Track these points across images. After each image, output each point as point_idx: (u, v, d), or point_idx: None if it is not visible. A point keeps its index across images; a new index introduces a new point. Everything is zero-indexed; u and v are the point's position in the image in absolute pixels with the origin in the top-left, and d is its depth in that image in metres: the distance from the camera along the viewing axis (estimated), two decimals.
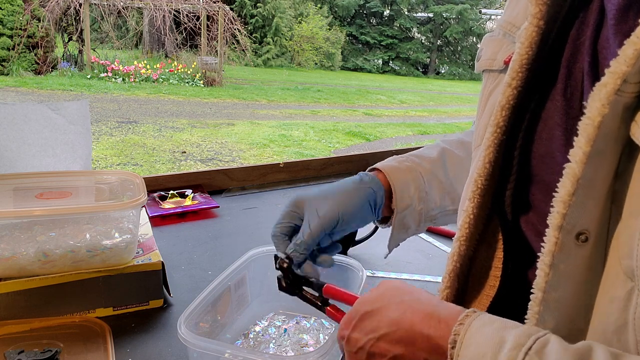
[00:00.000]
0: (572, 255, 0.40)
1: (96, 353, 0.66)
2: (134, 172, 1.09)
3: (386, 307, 0.47)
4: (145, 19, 12.42)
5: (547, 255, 0.40)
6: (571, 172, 0.38)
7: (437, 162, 0.72)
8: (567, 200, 0.38)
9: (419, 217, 0.69)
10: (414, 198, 0.68)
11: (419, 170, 0.69)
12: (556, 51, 0.46)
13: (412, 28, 23.24)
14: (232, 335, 0.72)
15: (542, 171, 0.47)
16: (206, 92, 9.59)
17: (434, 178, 0.70)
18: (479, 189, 0.50)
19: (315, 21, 18.73)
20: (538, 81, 0.47)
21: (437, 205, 0.70)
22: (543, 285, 0.40)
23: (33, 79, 8.99)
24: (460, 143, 0.75)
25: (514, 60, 0.46)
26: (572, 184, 0.38)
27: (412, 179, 0.68)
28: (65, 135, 0.94)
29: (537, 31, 0.45)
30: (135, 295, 0.78)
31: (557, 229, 0.39)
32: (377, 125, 8.12)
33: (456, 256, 0.52)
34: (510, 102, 0.47)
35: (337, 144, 6.43)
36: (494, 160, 0.49)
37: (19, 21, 9.22)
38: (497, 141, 0.48)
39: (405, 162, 0.70)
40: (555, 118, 0.45)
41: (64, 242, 0.73)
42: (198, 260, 0.97)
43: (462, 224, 0.52)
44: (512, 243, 0.51)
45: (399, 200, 0.67)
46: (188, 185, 1.29)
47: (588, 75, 0.42)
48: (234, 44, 11.76)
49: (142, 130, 6.16)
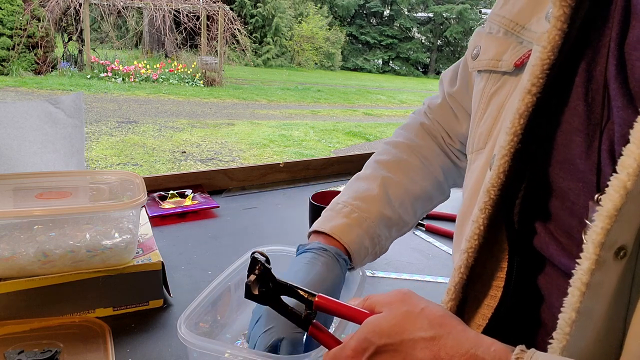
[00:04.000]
0: (610, 272, 0.36)
1: (96, 353, 0.66)
2: (134, 172, 1.09)
3: (411, 344, 0.40)
4: (145, 19, 12.41)
5: (585, 273, 0.36)
6: (621, 185, 0.34)
7: (382, 200, 0.69)
8: (614, 214, 0.34)
9: (373, 257, 0.71)
10: (369, 247, 0.68)
11: (369, 217, 0.67)
12: (574, 53, 0.43)
13: (412, 28, 23.23)
14: (232, 335, 0.72)
15: (560, 178, 0.44)
16: (206, 92, 9.59)
17: (384, 218, 0.68)
18: (491, 200, 0.47)
19: (315, 21, 18.73)
20: (555, 85, 0.44)
21: (387, 239, 0.71)
22: (577, 305, 0.37)
23: (33, 79, 8.98)
24: (397, 165, 0.73)
25: (535, 65, 0.43)
26: (622, 198, 0.34)
27: (365, 231, 0.66)
28: (65, 129, 0.94)
29: (560, 34, 0.42)
30: (135, 295, 0.78)
31: (599, 246, 0.35)
32: (377, 125, 8.12)
33: (463, 268, 0.50)
34: (529, 109, 0.44)
35: (337, 144, 6.43)
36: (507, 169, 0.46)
37: (19, 21, 9.22)
38: (513, 150, 0.45)
39: (352, 213, 0.67)
40: (574, 123, 0.42)
41: (63, 242, 0.73)
42: (198, 260, 0.97)
43: (471, 235, 0.49)
44: (519, 251, 0.49)
45: (357, 256, 0.67)
46: (188, 185, 1.29)
47: (616, 79, 0.39)
48: (234, 44, 11.76)
49: (142, 130, 6.16)
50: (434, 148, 0.76)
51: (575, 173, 0.42)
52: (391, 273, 0.96)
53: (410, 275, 0.95)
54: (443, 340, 0.40)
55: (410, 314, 0.42)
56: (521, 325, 0.49)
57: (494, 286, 0.49)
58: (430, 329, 0.40)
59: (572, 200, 0.43)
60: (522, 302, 0.48)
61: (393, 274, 0.96)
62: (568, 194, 0.42)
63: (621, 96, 0.38)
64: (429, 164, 0.74)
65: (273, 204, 1.29)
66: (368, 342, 0.42)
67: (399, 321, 0.42)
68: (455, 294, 0.51)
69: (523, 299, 0.48)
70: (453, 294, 0.51)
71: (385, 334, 0.42)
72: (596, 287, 0.36)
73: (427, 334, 0.40)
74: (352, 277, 0.74)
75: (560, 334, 0.38)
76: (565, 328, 0.37)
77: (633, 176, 0.33)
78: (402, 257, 1.02)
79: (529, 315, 0.48)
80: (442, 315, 0.42)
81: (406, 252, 1.04)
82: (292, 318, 0.50)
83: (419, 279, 0.95)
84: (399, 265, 0.99)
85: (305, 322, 0.50)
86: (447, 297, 0.52)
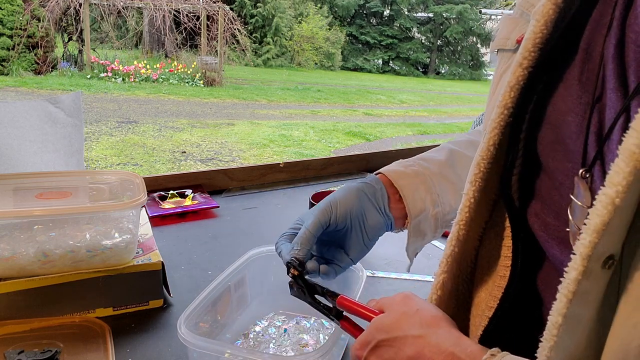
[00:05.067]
0: (597, 280, 0.37)
1: (96, 353, 0.66)
2: (134, 172, 1.09)
3: (402, 341, 0.46)
4: (145, 19, 12.41)
5: (572, 283, 0.36)
6: (609, 201, 0.33)
7: (446, 164, 0.69)
8: (602, 229, 0.34)
9: (434, 222, 0.66)
10: (427, 201, 0.65)
11: (426, 173, 0.67)
12: (573, 31, 0.43)
13: (412, 28, 23.23)
14: (232, 335, 0.72)
15: (550, 158, 0.44)
16: (206, 92, 9.59)
17: (445, 180, 0.67)
18: (481, 172, 0.48)
19: (315, 21, 18.73)
20: (551, 62, 0.44)
21: (451, 207, 0.67)
22: (564, 311, 0.37)
23: (33, 79, 8.98)
24: (469, 143, 0.73)
25: (527, 38, 0.43)
26: (610, 213, 0.33)
27: (421, 181, 0.66)
28: (64, 129, 0.94)
29: (554, 9, 0.42)
30: (135, 295, 0.78)
31: (586, 259, 0.35)
32: (377, 125, 8.12)
33: (454, 240, 0.51)
34: (520, 83, 0.44)
35: (337, 144, 6.43)
36: (498, 143, 0.46)
37: (19, 21, 9.22)
38: (503, 123, 0.45)
39: (411, 166, 0.67)
40: (567, 103, 0.42)
41: (63, 242, 0.73)
42: (198, 260, 0.97)
43: (462, 208, 0.50)
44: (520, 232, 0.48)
45: (411, 205, 0.64)
46: (188, 185, 1.29)
47: (613, 59, 0.38)
48: (234, 44, 11.76)
49: (142, 130, 6.16)
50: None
51: (565, 153, 0.42)
52: (391, 273, 0.96)
53: (410, 275, 0.95)
54: (428, 338, 0.45)
55: (406, 314, 0.48)
56: (527, 318, 0.49)
57: (502, 266, 0.49)
58: (420, 328, 0.46)
59: (560, 180, 0.43)
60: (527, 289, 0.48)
61: (393, 274, 0.96)
62: (556, 174, 0.42)
63: (615, 78, 0.38)
64: None
65: (273, 204, 1.29)
66: (371, 337, 0.48)
67: (396, 320, 0.48)
68: (448, 267, 0.52)
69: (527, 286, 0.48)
70: (445, 267, 0.52)
71: (384, 330, 0.47)
72: (584, 294, 0.36)
73: (416, 332, 0.46)
74: (353, 277, 0.74)
75: (548, 335, 0.39)
76: (553, 330, 0.38)
77: (622, 193, 0.33)
78: (402, 257, 1.01)
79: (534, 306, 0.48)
80: (433, 316, 0.47)
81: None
82: (326, 314, 0.59)
83: (419, 279, 0.95)
84: (399, 265, 0.99)
85: (337, 317, 0.58)
86: (439, 269, 0.53)
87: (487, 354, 0.41)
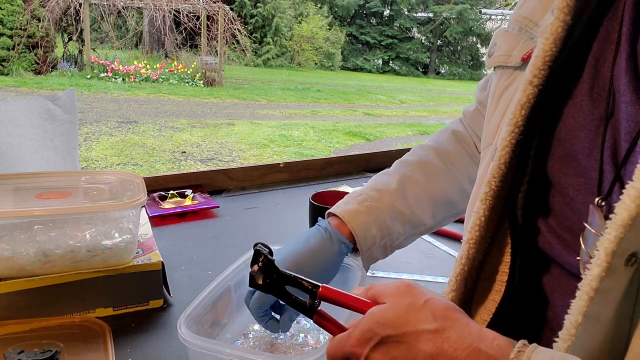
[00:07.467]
0: (619, 278, 0.36)
1: (96, 353, 0.66)
2: (134, 172, 1.09)
3: (415, 336, 0.41)
4: (145, 19, 12.41)
5: (594, 279, 0.36)
6: (637, 194, 0.33)
7: (397, 194, 0.73)
8: (628, 224, 0.34)
9: (384, 249, 0.74)
10: (377, 237, 0.71)
11: (379, 207, 0.72)
12: (580, 49, 0.43)
13: (412, 28, 23.22)
14: (232, 335, 0.72)
15: (561, 173, 0.44)
16: (206, 92, 9.59)
17: (396, 212, 0.73)
18: (492, 191, 0.48)
19: (315, 21, 18.72)
20: (560, 79, 0.44)
21: (400, 234, 0.74)
22: (585, 309, 0.36)
23: (33, 79, 8.98)
24: (420, 165, 0.76)
25: (537, 56, 0.44)
26: (638, 207, 0.33)
27: (373, 219, 0.71)
28: (62, 126, 0.94)
29: (562, 27, 0.42)
30: (135, 295, 0.78)
31: (611, 254, 0.35)
32: (377, 125, 8.12)
33: (464, 259, 0.50)
34: (530, 101, 0.44)
35: (337, 144, 6.43)
36: (509, 161, 0.47)
37: (19, 21, 9.22)
38: (515, 141, 0.46)
39: (364, 201, 0.72)
40: (578, 119, 0.42)
41: (63, 242, 0.73)
42: (198, 260, 0.97)
43: (472, 227, 0.49)
44: (522, 247, 0.49)
45: (362, 243, 0.71)
46: (188, 185, 1.29)
47: (626, 74, 0.39)
48: (234, 44, 11.76)
49: (142, 130, 6.16)
50: (462, 155, 0.78)
51: (577, 169, 0.42)
52: (391, 273, 0.96)
53: (410, 275, 0.95)
54: (447, 333, 0.40)
55: (414, 305, 0.42)
56: (526, 322, 0.49)
57: (499, 281, 0.50)
58: (434, 321, 0.41)
59: (571, 196, 0.43)
60: (527, 298, 0.48)
61: (393, 274, 0.96)
62: (568, 190, 0.42)
63: (631, 92, 0.38)
64: (454, 170, 0.77)
65: (273, 204, 1.29)
66: (372, 333, 0.42)
67: (403, 313, 0.42)
68: (457, 285, 0.52)
69: (527, 296, 0.48)
70: (454, 285, 0.52)
71: (389, 325, 0.42)
72: (605, 292, 0.36)
73: (431, 326, 0.40)
74: (352, 277, 0.74)
75: (565, 335, 0.38)
76: (571, 330, 0.37)
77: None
78: (402, 257, 1.02)
79: (534, 312, 0.48)
80: (445, 307, 0.42)
81: (406, 252, 1.04)
82: (297, 307, 0.52)
83: (419, 279, 0.95)
84: (399, 265, 0.99)
85: (310, 311, 0.50)
86: (449, 287, 0.53)
87: (518, 346, 0.37)
